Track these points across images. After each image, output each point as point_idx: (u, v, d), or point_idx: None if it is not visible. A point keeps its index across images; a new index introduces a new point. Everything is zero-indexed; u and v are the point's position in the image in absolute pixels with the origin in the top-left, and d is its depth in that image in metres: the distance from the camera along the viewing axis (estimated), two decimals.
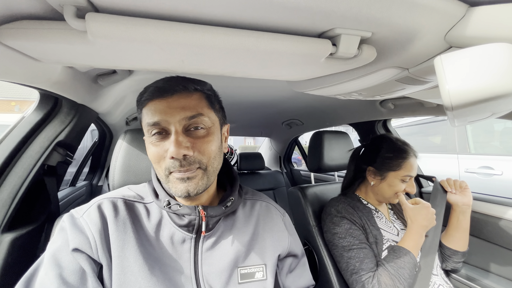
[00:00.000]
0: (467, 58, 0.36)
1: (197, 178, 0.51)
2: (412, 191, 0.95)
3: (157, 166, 0.52)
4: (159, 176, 0.54)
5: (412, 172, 0.95)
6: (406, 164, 0.94)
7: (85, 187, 1.69)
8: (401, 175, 0.94)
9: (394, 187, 0.95)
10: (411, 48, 0.47)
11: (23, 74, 0.55)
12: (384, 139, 1.03)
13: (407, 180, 0.95)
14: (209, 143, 0.52)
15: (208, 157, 0.52)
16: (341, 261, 0.91)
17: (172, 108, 0.50)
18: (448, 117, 0.47)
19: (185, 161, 0.49)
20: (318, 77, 0.68)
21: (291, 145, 2.79)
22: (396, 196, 0.96)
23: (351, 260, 0.87)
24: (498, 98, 0.35)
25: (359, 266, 0.85)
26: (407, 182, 0.95)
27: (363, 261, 0.85)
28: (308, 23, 0.42)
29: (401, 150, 0.97)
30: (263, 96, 1.35)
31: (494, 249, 1.04)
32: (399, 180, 0.95)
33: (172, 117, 0.49)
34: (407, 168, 0.94)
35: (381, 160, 0.99)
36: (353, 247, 0.89)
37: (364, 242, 0.90)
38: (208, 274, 0.53)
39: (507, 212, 1.01)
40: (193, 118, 0.51)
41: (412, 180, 0.96)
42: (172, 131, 0.49)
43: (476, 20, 0.39)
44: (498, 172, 2.56)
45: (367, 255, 0.86)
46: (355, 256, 0.87)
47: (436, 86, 0.65)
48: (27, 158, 0.80)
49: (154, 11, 0.36)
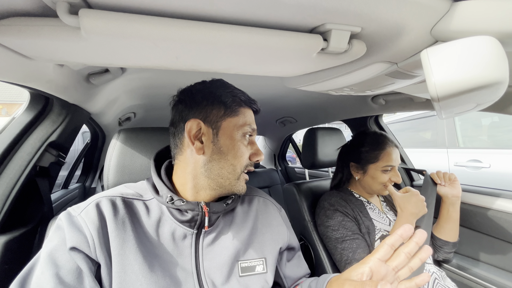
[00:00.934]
0: (451, 51, 0.38)
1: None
2: (398, 180, 0.97)
3: (237, 163, 0.56)
4: (229, 172, 0.56)
5: (392, 162, 0.97)
6: (384, 155, 0.97)
7: (78, 189, 1.67)
8: (380, 166, 0.97)
9: (377, 178, 0.98)
10: (399, 43, 0.49)
11: (14, 73, 0.54)
12: (364, 134, 1.07)
13: (389, 170, 0.98)
14: None
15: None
16: (335, 253, 0.93)
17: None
18: (435, 110, 0.49)
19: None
20: (310, 73, 0.70)
21: (285, 143, 2.81)
22: (384, 187, 0.98)
23: (344, 251, 0.89)
24: (481, 88, 0.37)
25: (352, 256, 0.87)
26: (389, 172, 0.98)
27: (356, 251, 0.87)
28: (300, 19, 0.43)
29: (378, 142, 1.00)
30: (257, 94, 1.36)
31: (483, 239, 1.08)
32: (380, 171, 0.98)
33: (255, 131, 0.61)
34: (385, 158, 0.97)
35: (360, 154, 1.02)
36: (346, 239, 0.91)
37: (357, 233, 0.92)
38: (209, 268, 0.54)
39: (495, 202, 1.04)
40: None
41: (395, 169, 0.98)
42: (255, 140, 0.61)
43: (460, 15, 0.41)
44: (486, 165, 2.64)
45: (359, 245, 0.88)
46: (348, 247, 0.89)
47: (424, 81, 0.67)
48: (19, 160, 0.78)
49: (147, 7, 0.37)
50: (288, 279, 0.65)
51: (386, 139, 1.01)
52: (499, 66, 0.36)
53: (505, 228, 1.00)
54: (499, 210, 1.03)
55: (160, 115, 1.60)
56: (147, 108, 1.48)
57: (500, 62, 0.36)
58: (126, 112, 1.45)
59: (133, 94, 1.17)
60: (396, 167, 0.99)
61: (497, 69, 0.36)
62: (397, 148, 1.01)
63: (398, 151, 1.01)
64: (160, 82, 1.06)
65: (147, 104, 1.39)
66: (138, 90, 1.13)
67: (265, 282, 0.57)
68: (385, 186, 0.98)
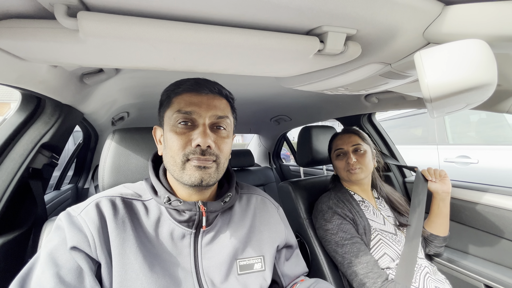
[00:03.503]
0: (444, 53, 0.39)
1: (212, 169, 0.54)
2: (350, 162, 1.04)
3: (174, 154, 0.54)
4: (172, 164, 0.54)
5: (338, 145, 1.10)
6: (335, 141, 1.12)
7: (70, 190, 1.64)
8: (334, 153, 1.12)
9: (336, 165, 1.11)
10: (393, 44, 0.50)
11: (6, 74, 0.53)
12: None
13: (341, 155, 1.09)
14: (227, 144, 0.57)
15: (223, 155, 0.56)
16: (336, 256, 0.95)
17: (205, 104, 0.55)
18: (427, 109, 0.51)
19: (206, 151, 0.53)
20: (306, 73, 0.70)
21: (280, 141, 2.82)
22: (349, 173, 1.04)
23: (346, 255, 0.92)
24: (472, 90, 0.39)
25: (355, 259, 0.89)
26: (344, 157, 1.07)
27: (358, 254, 0.90)
28: (297, 21, 0.43)
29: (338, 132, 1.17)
30: (252, 93, 1.36)
31: (471, 232, 1.12)
32: (335, 158, 1.11)
33: (205, 112, 0.55)
34: (335, 143, 1.12)
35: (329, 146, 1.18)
36: (345, 242, 0.93)
37: (356, 236, 0.94)
38: (208, 267, 0.54)
39: (483, 197, 1.08)
40: (221, 118, 0.56)
41: (349, 153, 1.05)
42: (201, 124, 0.54)
43: (452, 18, 0.42)
44: (474, 160, 2.72)
45: (360, 249, 0.91)
46: (350, 251, 0.91)
47: (416, 80, 0.69)
48: (11, 162, 0.77)
49: (146, 9, 0.36)
50: (286, 277, 0.66)
51: (343, 129, 1.14)
52: (489, 68, 0.37)
53: (493, 222, 1.04)
54: (486, 205, 1.07)
55: (154, 114, 1.57)
56: (141, 107, 1.46)
57: (489, 64, 0.38)
58: (120, 112, 1.43)
59: (127, 93, 1.16)
60: (350, 151, 1.06)
61: (487, 71, 0.37)
62: (356, 135, 1.09)
63: (357, 137, 1.09)
64: (154, 81, 1.05)
65: (141, 103, 1.38)
66: (132, 89, 1.12)
67: (263, 280, 0.58)
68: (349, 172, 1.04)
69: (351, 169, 1.03)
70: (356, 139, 1.07)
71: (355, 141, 1.06)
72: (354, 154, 1.04)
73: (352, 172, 1.03)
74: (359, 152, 1.05)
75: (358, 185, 1.08)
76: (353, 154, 1.04)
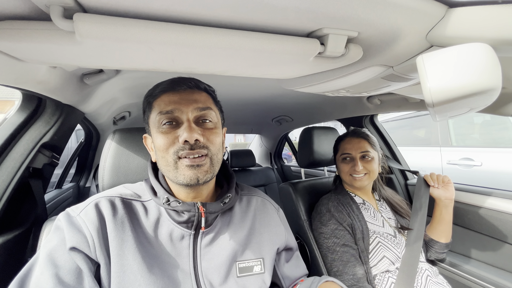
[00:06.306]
0: (446, 57, 0.38)
1: (206, 166, 0.54)
2: (356, 169, 1.00)
3: (164, 154, 0.53)
4: (165, 165, 0.54)
5: (346, 150, 1.04)
6: (342, 144, 1.07)
7: (72, 189, 1.65)
8: (340, 156, 1.06)
9: (341, 168, 1.06)
10: (395, 47, 0.49)
11: (4, 74, 0.53)
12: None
13: (348, 159, 1.04)
14: (216, 135, 0.56)
15: (214, 146, 0.55)
16: (325, 261, 0.95)
17: (185, 99, 0.54)
18: (430, 113, 0.50)
19: (195, 145, 0.52)
20: (307, 75, 0.70)
21: (281, 142, 2.82)
22: (352, 178, 1.01)
23: (335, 262, 0.91)
24: (476, 95, 0.38)
25: (343, 269, 0.88)
26: (350, 162, 1.03)
27: (347, 265, 0.89)
28: (297, 23, 0.43)
29: (343, 134, 1.11)
30: (253, 94, 1.36)
31: (474, 236, 1.10)
32: (341, 161, 1.06)
33: (186, 107, 0.54)
34: (342, 147, 1.06)
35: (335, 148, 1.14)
36: (336, 249, 0.92)
37: (349, 245, 0.92)
38: (207, 269, 0.54)
39: (486, 201, 1.07)
40: (204, 110, 0.55)
41: (356, 161, 1.01)
42: (185, 120, 0.53)
43: (455, 21, 0.41)
44: (477, 163, 2.69)
45: (349, 259, 0.89)
46: (339, 258, 0.90)
47: (419, 83, 0.68)
48: (11, 161, 0.77)
49: (143, 11, 0.36)
50: (286, 280, 0.66)
51: (352, 131, 1.09)
52: (493, 73, 0.37)
53: (496, 226, 1.02)
54: (490, 209, 1.05)
55: None
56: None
57: (494, 69, 0.37)
58: (121, 111, 1.43)
59: (128, 93, 1.16)
60: (357, 157, 1.01)
61: (491, 76, 0.36)
62: (365, 141, 1.04)
63: (367, 143, 1.04)
64: (155, 81, 1.04)
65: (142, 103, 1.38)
66: (133, 89, 1.12)
67: (262, 283, 0.58)
68: (353, 178, 1.01)
69: (356, 176, 1.00)
70: (365, 145, 1.03)
71: (364, 148, 1.02)
72: (361, 161, 1.01)
73: (356, 179, 1.00)
74: (366, 159, 1.02)
75: (359, 188, 1.07)
76: (360, 161, 1.01)
